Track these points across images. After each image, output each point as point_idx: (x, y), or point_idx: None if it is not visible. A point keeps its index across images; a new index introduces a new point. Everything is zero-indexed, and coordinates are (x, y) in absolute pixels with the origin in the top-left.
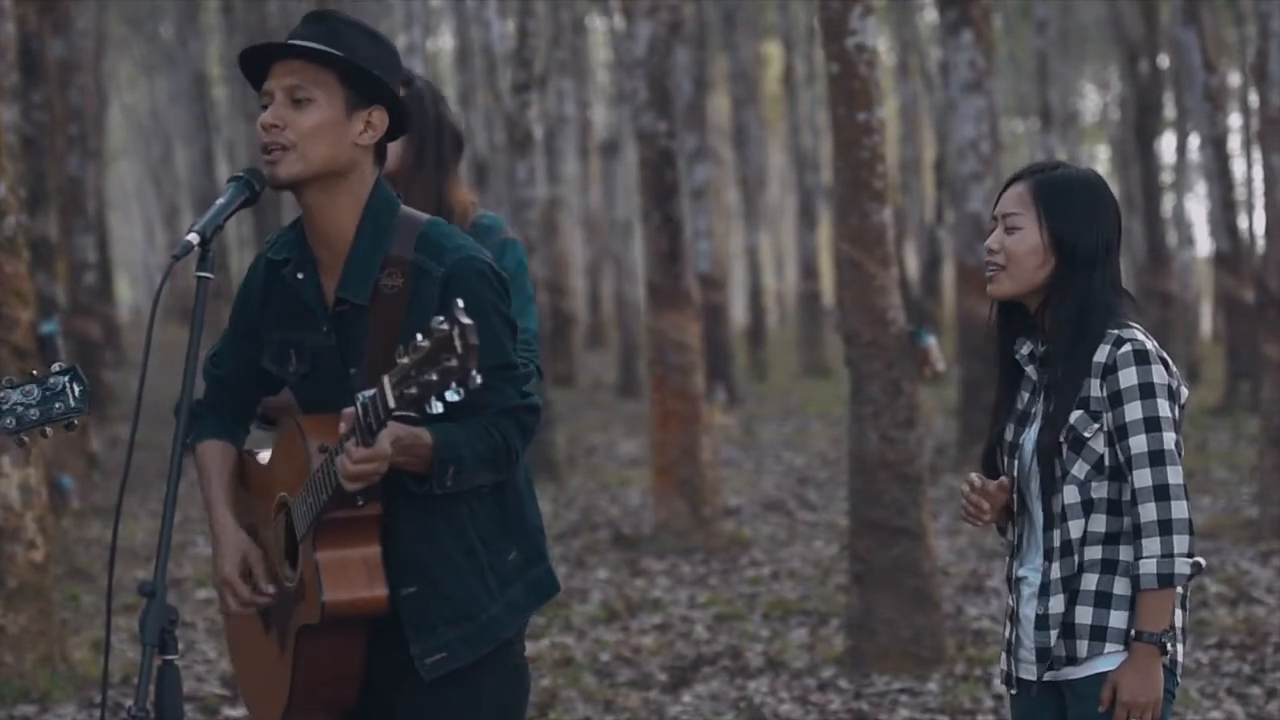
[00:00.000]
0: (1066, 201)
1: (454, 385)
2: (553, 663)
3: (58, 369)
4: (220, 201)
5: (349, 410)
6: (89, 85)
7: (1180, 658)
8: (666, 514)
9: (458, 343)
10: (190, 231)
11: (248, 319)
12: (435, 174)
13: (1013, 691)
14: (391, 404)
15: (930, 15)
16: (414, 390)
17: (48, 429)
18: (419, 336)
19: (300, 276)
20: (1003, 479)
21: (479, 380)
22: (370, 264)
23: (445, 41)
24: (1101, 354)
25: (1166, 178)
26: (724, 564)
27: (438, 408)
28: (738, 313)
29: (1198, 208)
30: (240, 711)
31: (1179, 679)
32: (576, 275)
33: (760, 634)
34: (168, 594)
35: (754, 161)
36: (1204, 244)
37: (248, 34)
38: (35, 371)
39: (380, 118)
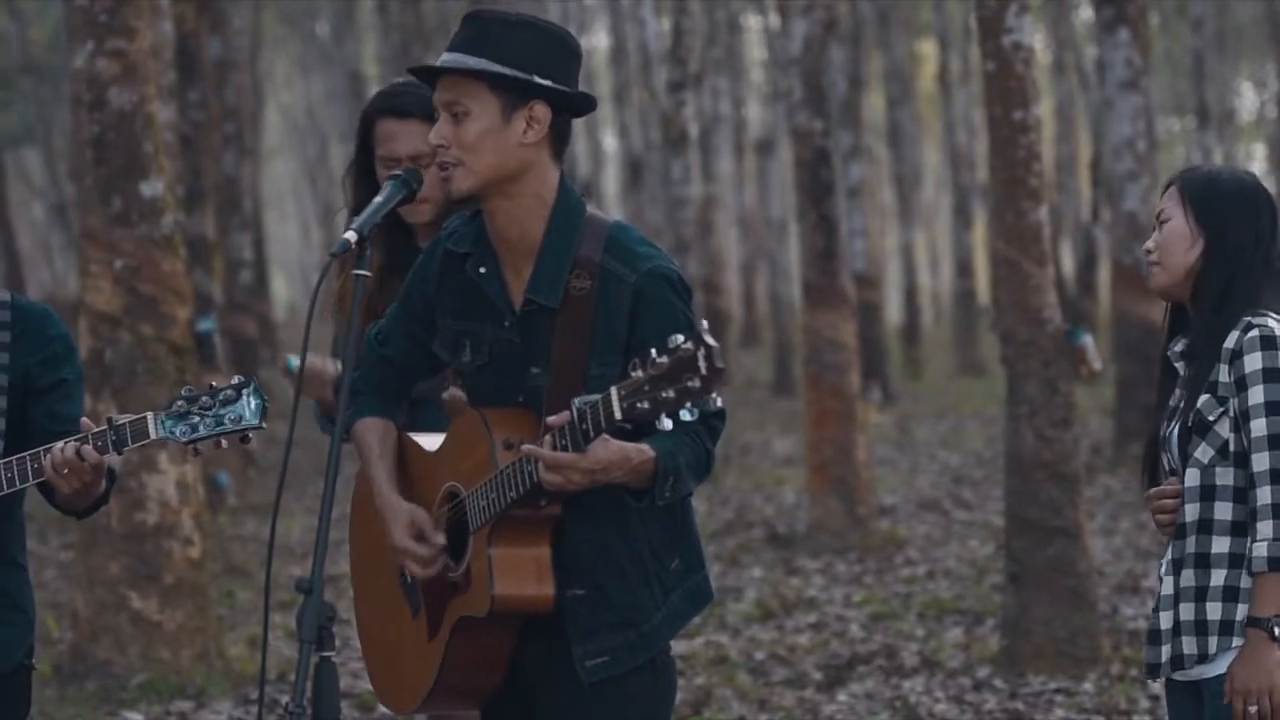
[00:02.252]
0: (1213, 191)
1: (690, 405)
2: (707, 661)
3: (237, 381)
4: (378, 200)
5: (562, 415)
6: (245, 84)
7: None
8: (821, 513)
9: (703, 364)
10: (348, 230)
11: (422, 301)
12: None
13: (1163, 679)
14: (618, 415)
15: (1086, 13)
16: (645, 405)
17: (223, 441)
18: (654, 352)
19: (483, 271)
20: (1172, 479)
21: (719, 404)
22: (560, 267)
23: (600, 40)
24: (1231, 340)
25: None
26: (879, 563)
27: (667, 424)
28: (892, 311)
29: None
30: None
31: None
32: (731, 274)
33: (915, 633)
34: (324, 590)
35: (909, 160)
36: None
37: (403, 32)
38: (214, 383)
39: (542, 111)
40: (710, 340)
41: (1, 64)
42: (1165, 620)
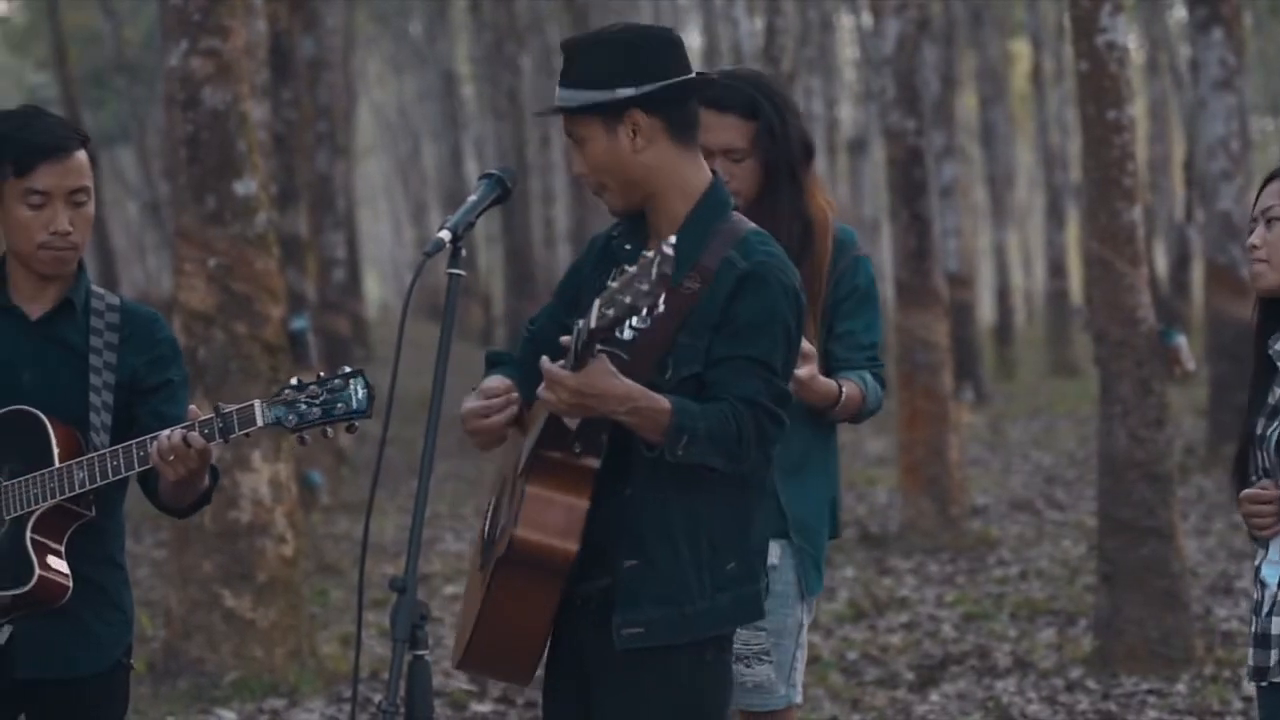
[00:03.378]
0: None
1: (643, 312)
2: None
3: (345, 371)
4: (472, 199)
5: (567, 339)
6: (338, 83)
7: None
8: (914, 512)
9: (653, 270)
10: (442, 229)
11: (573, 286)
12: (790, 189)
13: (1263, 684)
14: (593, 324)
15: (1180, 13)
16: (611, 312)
17: (329, 429)
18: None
19: (628, 248)
20: (1265, 481)
21: (661, 310)
22: (689, 256)
23: (693, 39)
24: None
25: None
26: (971, 563)
27: (627, 334)
28: (985, 311)
29: None
30: (488, 707)
31: None
32: None
33: (1008, 634)
34: (418, 589)
35: (1002, 159)
36: None
37: (496, 31)
38: (321, 373)
39: (640, 118)
40: (667, 249)
41: (96, 63)
42: (1277, 625)
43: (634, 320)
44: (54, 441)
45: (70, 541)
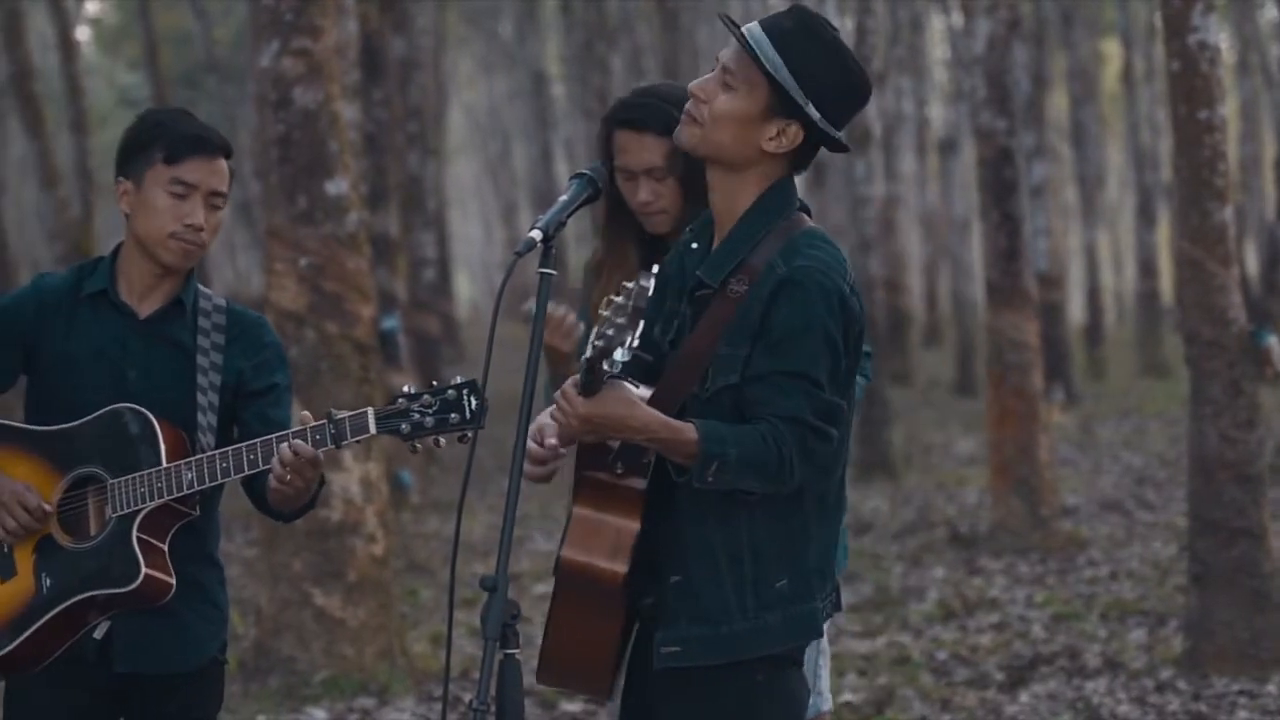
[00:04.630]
0: None
1: (620, 345)
2: (889, 661)
3: (458, 381)
4: (563, 199)
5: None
6: (429, 83)
7: None
8: (1003, 513)
9: (630, 302)
10: (533, 228)
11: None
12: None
13: None
14: (590, 352)
15: (1271, 12)
16: (600, 342)
17: (441, 438)
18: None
19: (695, 247)
20: None
21: (635, 346)
22: (734, 254)
23: None
24: None
25: None
26: (1061, 563)
27: (616, 367)
28: (1075, 311)
29: None
30: (578, 706)
31: None
32: (914, 273)
33: (1098, 634)
34: (508, 588)
35: (1092, 159)
36: None
37: (586, 31)
38: (435, 382)
39: (796, 133)
40: (645, 281)
41: (187, 63)
42: None
43: (618, 353)
44: (161, 441)
45: (171, 539)
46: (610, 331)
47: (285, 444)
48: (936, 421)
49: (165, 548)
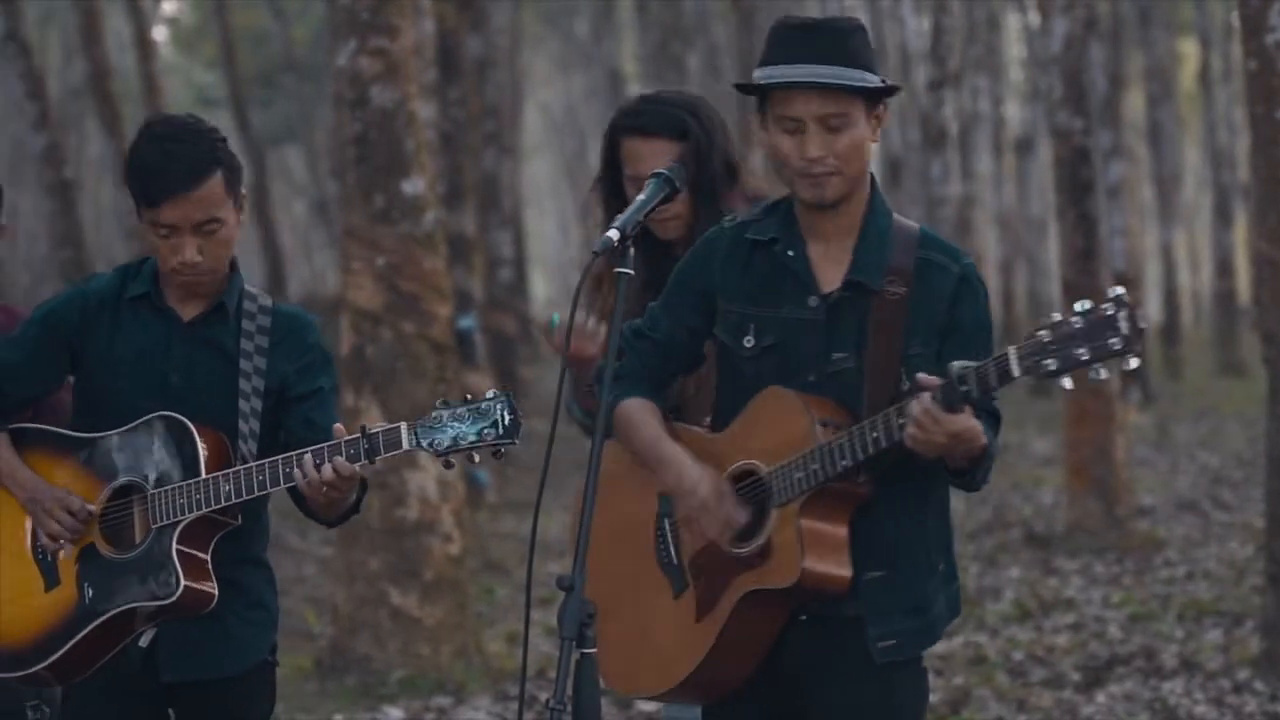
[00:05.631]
0: None
1: (1106, 362)
2: (965, 661)
3: (491, 395)
4: (640, 198)
5: (932, 378)
6: (505, 82)
7: None
8: (1080, 513)
9: (1124, 324)
10: (610, 228)
11: (697, 289)
12: (708, 211)
13: None
14: (1016, 373)
15: None
16: (1051, 364)
17: (475, 454)
18: (1059, 315)
19: (791, 254)
20: None
21: (1135, 365)
22: (881, 255)
23: None
24: None
25: None
26: (1137, 564)
27: (1067, 383)
28: (1152, 311)
29: None
30: (653, 706)
31: None
32: (990, 272)
33: (1174, 635)
34: (585, 587)
35: (1169, 159)
36: None
37: (662, 30)
38: (469, 395)
39: (884, 112)
40: (1130, 301)
41: (264, 63)
42: None
43: (1100, 370)
44: (201, 450)
45: (215, 544)
46: (1079, 353)
47: (315, 463)
48: (1013, 421)
49: (207, 556)
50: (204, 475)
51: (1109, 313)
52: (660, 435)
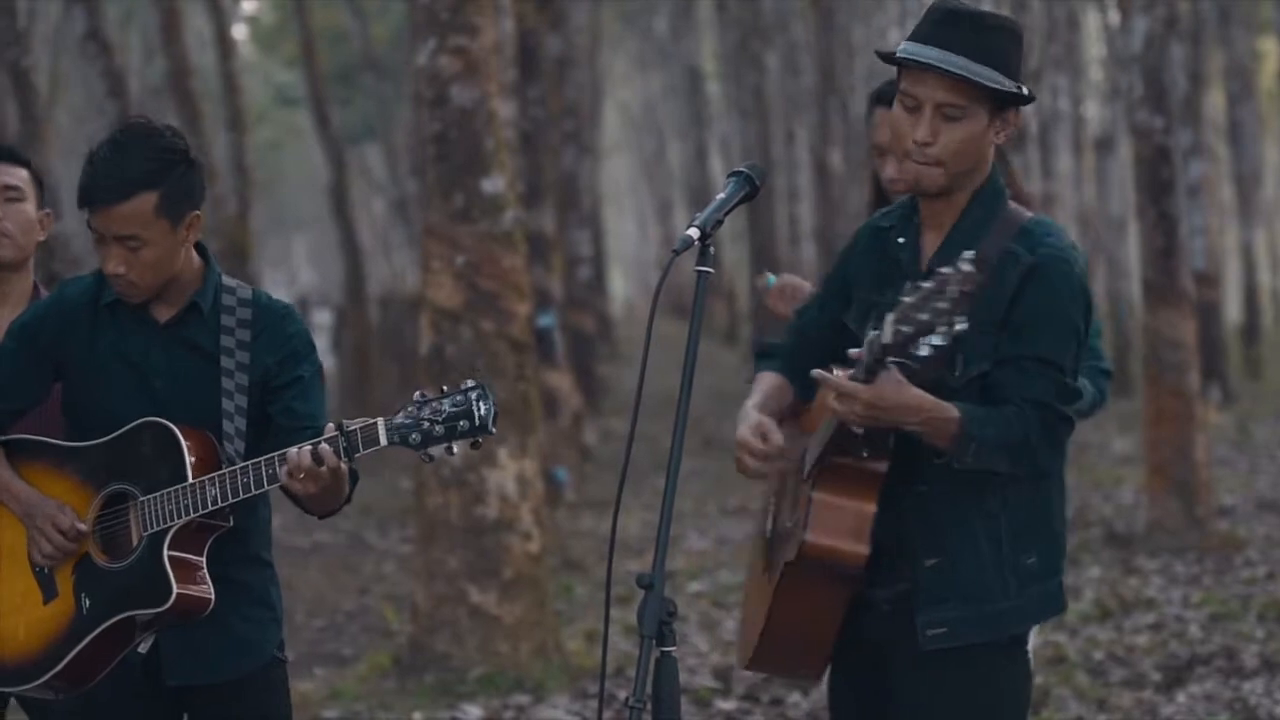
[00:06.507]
0: None
1: (941, 329)
2: (1045, 660)
3: (468, 385)
4: (720, 196)
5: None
6: (584, 81)
7: None
8: (1160, 513)
9: (953, 287)
10: (690, 226)
11: (840, 277)
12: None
13: None
14: (887, 339)
15: None
16: (908, 329)
17: (454, 446)
18: (918, 281)
19: (901, 241)
20: None
21: (961, 327)
22: (968, 243)
23: None
24: None
25: None
26: (1218, 564)
27: (923, 350)
28: (1232, 310)
29: None
30: (732, 705)
31: None
32: None
33: (1255, 634)
34: (664, 586)
35: (1249, 157)
36: None
37: (741, 29)
38: (445, 386)
39: (1017, 117)
40: (967, 267)
41: (344, 61)
42: None
43: (933, 338)
44: (187, 454)
45: (211, 547)
46: (923, 317)
47: (298, 451)
48: (1093, 420)
49: (202, 559)
50: (190, 480)
51: (943, 275)
52: (755, 398)
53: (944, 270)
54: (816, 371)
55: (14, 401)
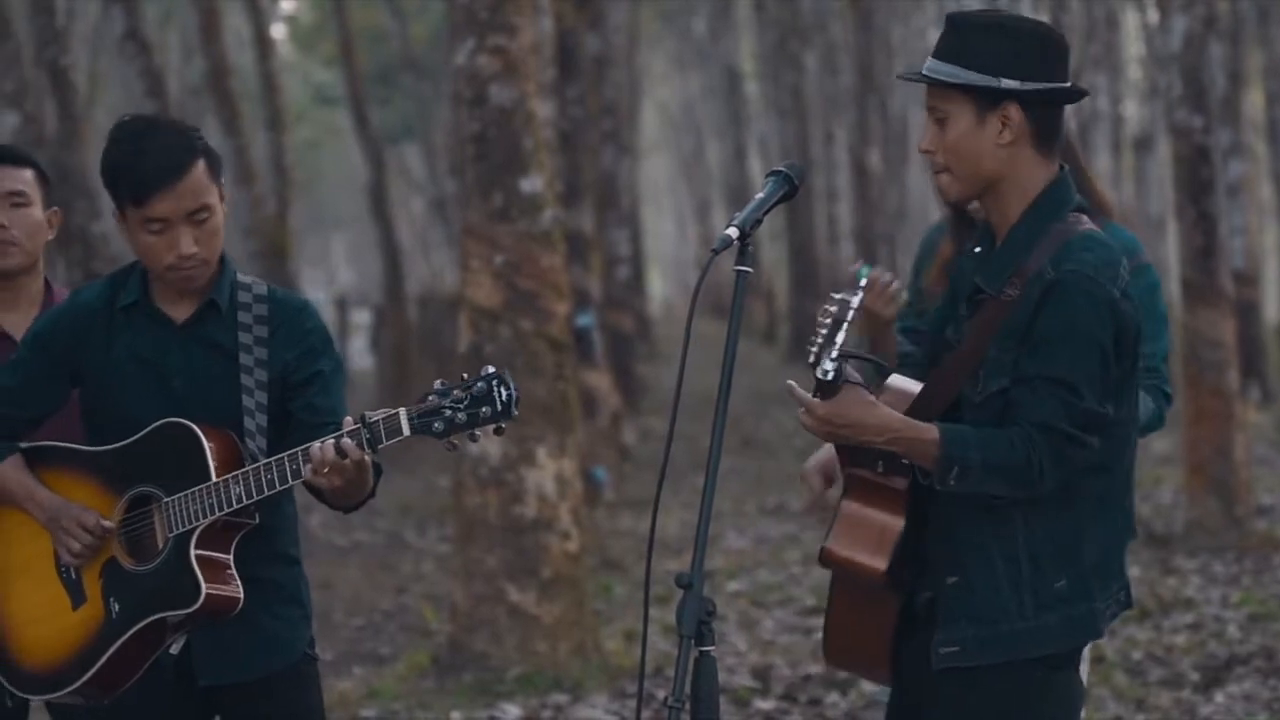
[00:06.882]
0: None
1: (828, 353)
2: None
3: (488, 372)
4: (760, 196)
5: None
6: (623, 80)
7: None
8: (1199, 512)
9: (830, 313)
10: (730, 225)
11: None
12: None
13: None
14: (809, 358)
15: None
16: (812, 350)
17: (476, 433)
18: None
19: (977, 250)
20: None
21: (835, 357)
22: (1011, 259)
23: None
24: None
25: None
26: (1257, 564)
27: (818, 374)
28: (1271, 309)
29: None
30: (770, 704)
31: None
32: None
33: None
34: (703, 586)
35: None
36: None
37: (779, 29)
38: (465, 375)
39: (1015, 113)
40: (852, 300)
41: (383, 61)
42: None
43: (824, 362)
44: (209, 454)
45: (237, 545)
46: (818, 340)
47: (321, 445)
48: None
49: (229, 558)
50: (214, 479)
51: (842, 300)
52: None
53: (835, 295)
54: (789, 383)
55: (31, 409)
